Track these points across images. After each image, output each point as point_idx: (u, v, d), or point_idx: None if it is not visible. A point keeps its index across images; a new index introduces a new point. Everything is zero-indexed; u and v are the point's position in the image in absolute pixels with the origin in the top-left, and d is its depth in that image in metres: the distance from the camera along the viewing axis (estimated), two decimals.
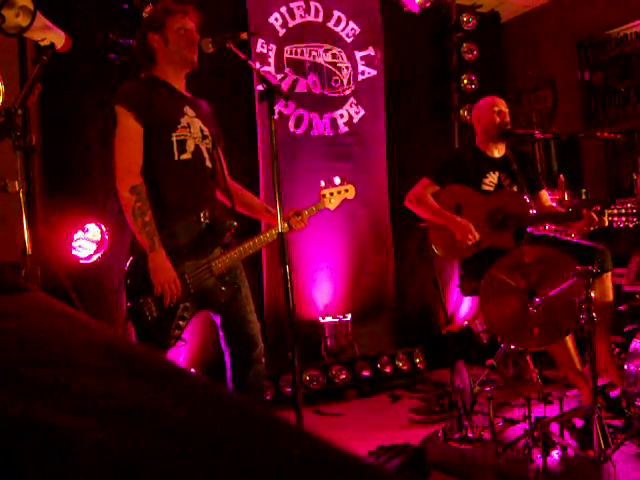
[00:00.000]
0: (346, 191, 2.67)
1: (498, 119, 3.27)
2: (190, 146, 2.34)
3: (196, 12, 2.41)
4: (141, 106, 2.25)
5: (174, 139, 2.30)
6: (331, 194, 2.62)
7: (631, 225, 2.82)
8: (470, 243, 3.11)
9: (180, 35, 2.34)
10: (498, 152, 3.34)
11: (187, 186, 2.32)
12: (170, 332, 2.23)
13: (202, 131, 2.40)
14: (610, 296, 3.10)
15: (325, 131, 4.34)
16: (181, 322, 2.25)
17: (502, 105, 3.32)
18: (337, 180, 2.65)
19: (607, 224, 2.89)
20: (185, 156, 2.32)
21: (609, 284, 3.09)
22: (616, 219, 2.86)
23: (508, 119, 3.31)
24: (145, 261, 2.19)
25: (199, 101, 2.49)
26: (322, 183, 2.63)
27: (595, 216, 2.88)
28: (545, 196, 3.40)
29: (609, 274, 3.08)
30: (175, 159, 2.30)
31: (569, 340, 2.93)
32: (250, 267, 2.56)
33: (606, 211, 2.89)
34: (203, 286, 2.30)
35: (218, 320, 2.43)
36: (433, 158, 4.23)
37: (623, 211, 2.85)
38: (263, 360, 2.46)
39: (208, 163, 2.41)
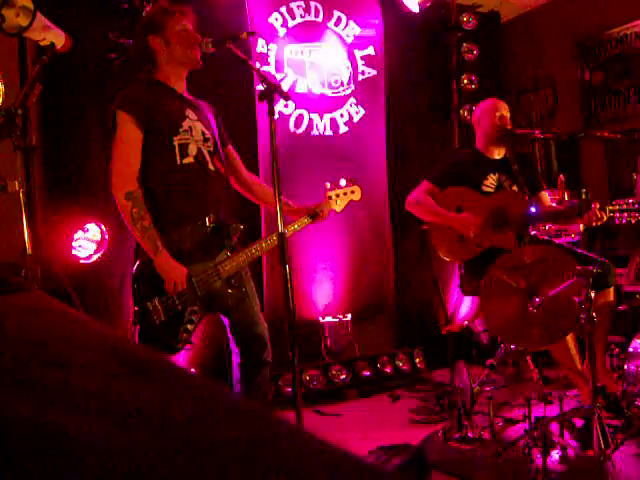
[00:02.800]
0: (352, 192, 2.66)
1: (498, 122, 3.27)
2: (192, 150, 2.33)
3: (193, 12, 2.41)
4: (142, 111, 2.25)
5: (176, 143, 2.29)
6: (337, 196, 2.62)
7: (633, 221, 2.81)
8: (474, 234, 3.10)
9: (182, 36, 2.34)
10: (498, 154, 3.34)
11: (191, 190, 2.32)
12: (178, 336, 2.22)
13: (204, 134, 2.39)
14: (611, 303, 3.08)
15: (325, 131, 4.34)
16: (189, 326, 2.24)
17: (503, 109, 3.31)
18: (343, 182, 2.65)
19: (606, 219, 2.87)
20: (187, 160, 2.32)
21: (611, 298, 3.05)
22: (618, 215, 2.84)
23: (509, 122, 3.30)
24: (151, 265, 2.19)
25: (201, 103, 2.49)
26: (328, 185, 2.63)
27: (598, 212, 2.87)
28: (545, 197, 3.40)
29: (611, 290, 3.05)
30: (177, 163, 2.30)
31: (570, 340, 2.93)
32: (250, 267, 2.56)
33: (607, 207, 2.88)
34: (210, 289, 2.30)
35: (227, 322, 2.44)
36: (433, 158, 4.23)
37: (624, 207, 2.83)
38: (270, 361, 2.47)
39: (211, 166, 2.41)
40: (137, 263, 2.28)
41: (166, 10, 2.37)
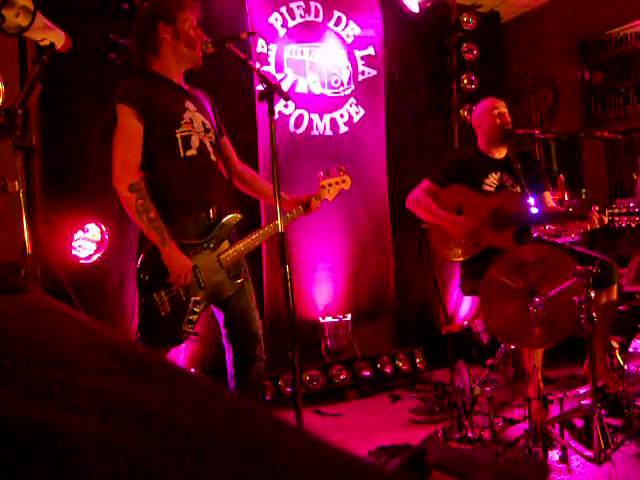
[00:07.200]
0: (343, 181, 2.71)
1: (499, 121, 3.27)
2: (195, 142, 2.34)
3: (200, 9, 2.42)
4: (142, 103, 2.25)
5: (178, 135, 2.30)
6: (330, 185, 2.67)
7: (633, 225, 2.82)
8: (460, 239, 3.12)
9: (190, 36, 2.34)
10: (500, 153, 3.34)
11: (195, 182, 2.34)
12: (182, 326, 2.24)
13: (204, 125, 2.40)
14: (614, 301, 3.09)
15: (325, 131, 4.34)
16: (192, 316, 2.27)
17: (501, 106, 3.32)
18: (334, 171, 2.69)
19: (607, 222, 2.89)
20: (191, 152, 2.33)
21: (614, 296, 3.07)
22: (617, 218, 2.86)
23: (509, 119, 3.31)
24: (156, 256, 2.20)
25: (197, 92, 2.49)
26: (321, 173, 2.67)
27: (598, 215, 2.88)
28: (548, 197, 3.41)
29: (615, 287, 3.07)
30: (181, 156, 2.31)
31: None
32: (250, 266, 2.57)
33: (607, 210, 2.89)
34: (213, 280, 2.33)
35: (222, 316, 2.44)
36: (433, 158, 4.23)
37: (624, 210, 2.84)
38: (264, 357, 2.47)
39: (213, 157, 2.42)
40: (142, 255, 2.29)
41: (179, 2, 2.36)
